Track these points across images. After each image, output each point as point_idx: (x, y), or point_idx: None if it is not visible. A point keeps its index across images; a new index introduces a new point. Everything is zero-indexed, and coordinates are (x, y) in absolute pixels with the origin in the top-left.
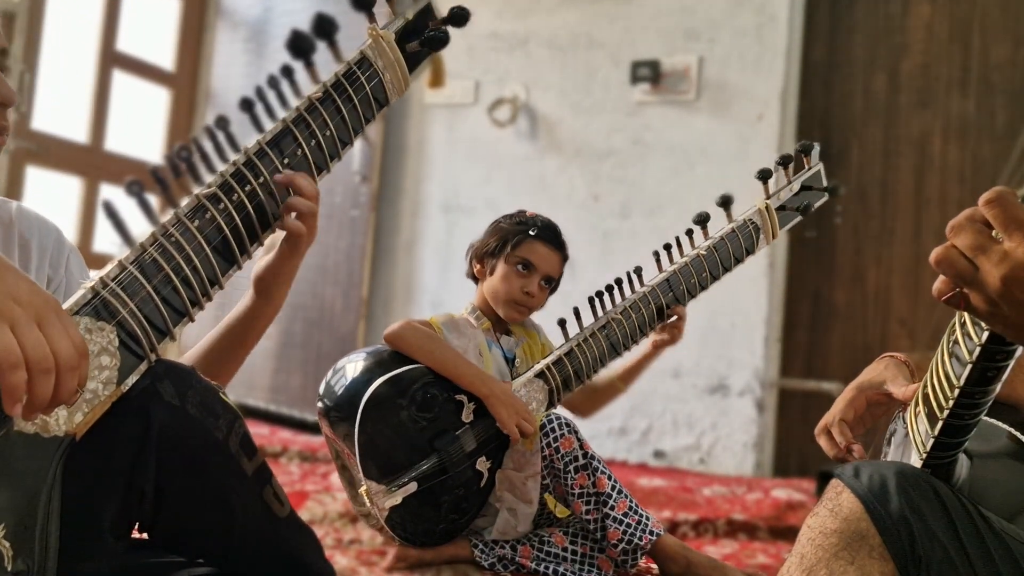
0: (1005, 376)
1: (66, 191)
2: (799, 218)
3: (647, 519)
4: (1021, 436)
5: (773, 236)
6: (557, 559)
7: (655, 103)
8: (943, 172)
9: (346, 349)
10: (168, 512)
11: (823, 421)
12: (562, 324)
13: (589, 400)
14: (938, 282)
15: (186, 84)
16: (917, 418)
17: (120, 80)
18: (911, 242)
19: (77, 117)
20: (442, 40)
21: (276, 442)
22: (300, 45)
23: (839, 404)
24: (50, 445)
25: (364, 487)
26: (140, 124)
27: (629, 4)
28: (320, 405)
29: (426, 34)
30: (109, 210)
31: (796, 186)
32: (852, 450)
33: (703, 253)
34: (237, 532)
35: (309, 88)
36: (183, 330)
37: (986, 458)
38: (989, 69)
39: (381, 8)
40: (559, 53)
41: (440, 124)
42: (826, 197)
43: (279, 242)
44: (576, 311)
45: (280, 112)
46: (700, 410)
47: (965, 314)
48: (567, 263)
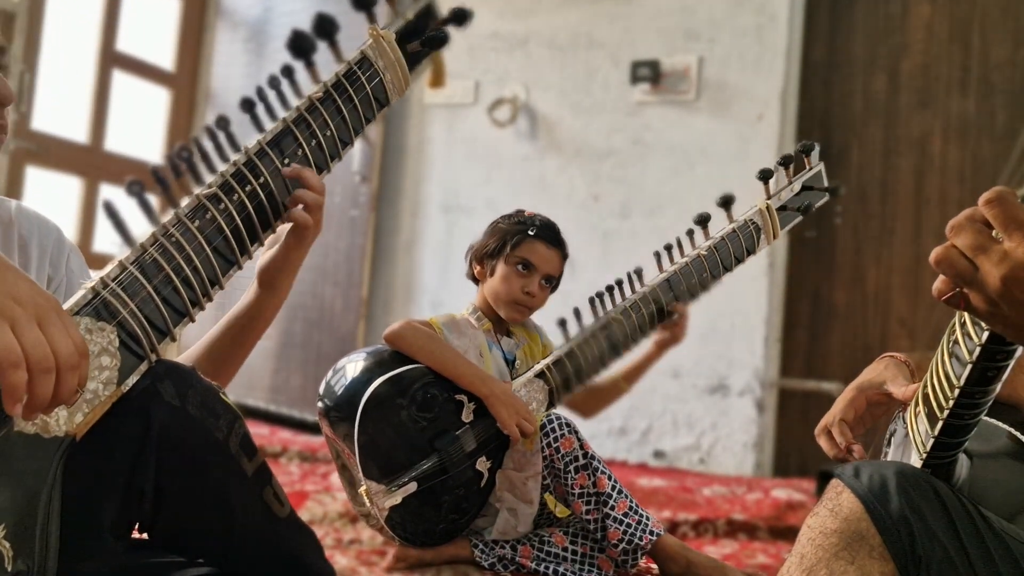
0: (1005, 376)
1: (66, 191)
2: (800, 218)
3: (647, 519)
4: (1021, 436)
5: (774, 236)
6: (557, 559)
7: (655, 103)
8: (943, 172)
9: (346, 349)
10: (168, 512)
11: (823, 421)
12: (562, 324)
13: (593, 400)
14: (938, 282)
15: (186, 84)
16: (917, 418)
17: (120, 80)
18: (911, 242)
19: (77, 117)
20: (443, 40)
21: (276, 442)
22: (301, 45)
23: (839, 404)
24: (50, 445)
25: (364, 487)
26: (140, 124)
27: (629, 4)
28: (320, 405)
29: (427, 34)
30: (110, 210)
31: (797, 186)
32: (852, 450)
33: (703, 253)
34: (237, 532)
35: (310, 88)
36: (183, 330)
37: (986, 458)
38: (989, 69)
39: (382, 8)
40: (559, 53)
41: (440, 124)
42: (827, 197)
43: (284, 235)
44: (576, 311)
45: (280, 112)
46: (700, 410)
47: (965, 314)
48: (567, 262)
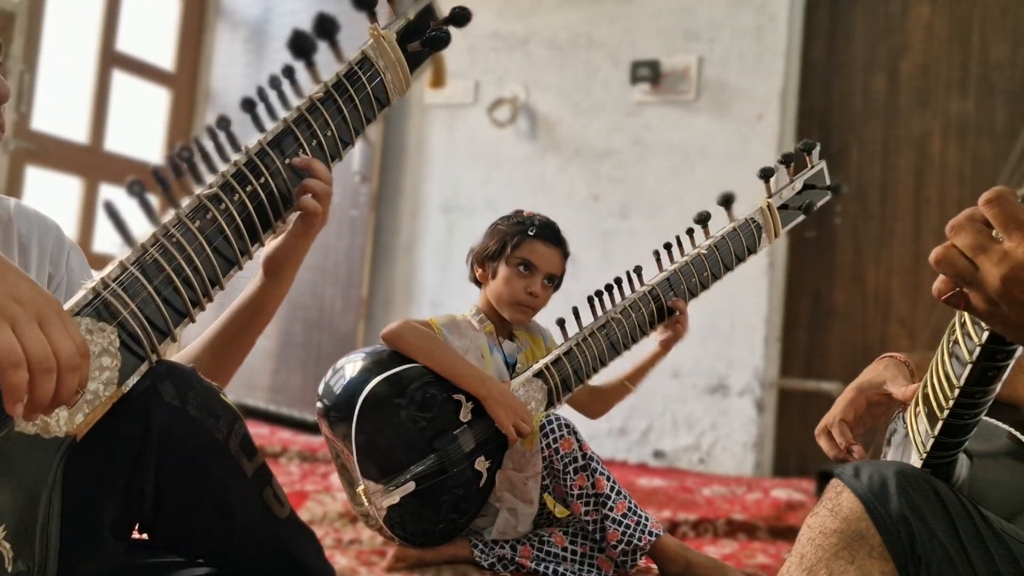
0: (1005, 376)
1: (66, 191)
2: (802, 217)
3: (646, 520)
4: (1021, 436)
5: (775, 235)
6: (557, 559)
7: (655, 103)
8: (943, 172)
9: (346, 349)
10: (168, 513)
11: (823, 422)
12: (561, 324)
13: (599, 401)
14: (938, 282)
15: (186, 84)
16: (917, 418)
17: (120, 80)
18: (911, 242)
19: (77, 117)
20: (443, 40)
21: (276, 442)
22: (301, 45)
23: (839, 405)
24: (51, 446)
25: (362, 487)
26: (140, 124)
27: (629, 4)
28: (319, 405)
29: (427, 34)
30: (110, 210)
31: (798, 184)
32: (852, 451)
33: (704, 252)
34: (237, 533)
35: (310, 88)
36: (183, 330)
37: (986, 458)
38: (989, 69)
39: (382, 8)
40: (559, 53)
41: (440, 124)
42: (829, 196)
43: (290, 225)
44: (575, 311)
45: (281, 112)
46: (700, 410)
47: (965, 314)
48: (569, 260)
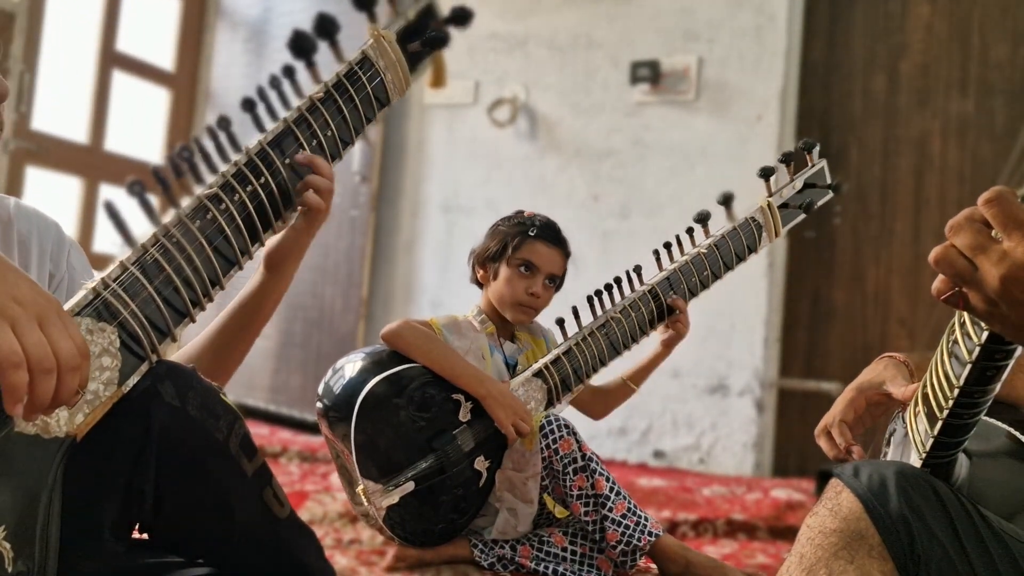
0: (1005, 376)
1: (66, 191)
2: (802, 216)
3: (645, 520)
4: (1020, 436)
5: (776, 234)
6: (557, 559)
7: (654, 103)
8: (942, 172)
9: (346, 349)
10: (168, 513)
11: (823, 422)
12: (560, 323)
13: (601, 402)
14: (937, 281)
15: (186, 84)
16: (917, 418)
17: (120, 80)
18: (910, 242)
19: (77, 117)
20: (443, 40)
21: (276, 442)
22: (301, 45)
23: (839, 405)
24: (51, 446)
25: (361, 486)
26: (140, 124)
27: (629, 4)
28: (319, 405)
29: (427, 34)
30: (110, 210)
31: (799, 183)
32: (852, 451)
33: (704, 251)
34: (237, 533)
35: (310, 88)
36: (183, 330)
37: (985, 458)
38: (988, 69)
39: (382, 8)
40: (559, 53)
41: (440, 124)
42: (830, 195)
43: (291, 221)
44: (575, 310)
45: (281, 112)
46: (700, 410)
47: (965, 314)
48: (571, 260)
